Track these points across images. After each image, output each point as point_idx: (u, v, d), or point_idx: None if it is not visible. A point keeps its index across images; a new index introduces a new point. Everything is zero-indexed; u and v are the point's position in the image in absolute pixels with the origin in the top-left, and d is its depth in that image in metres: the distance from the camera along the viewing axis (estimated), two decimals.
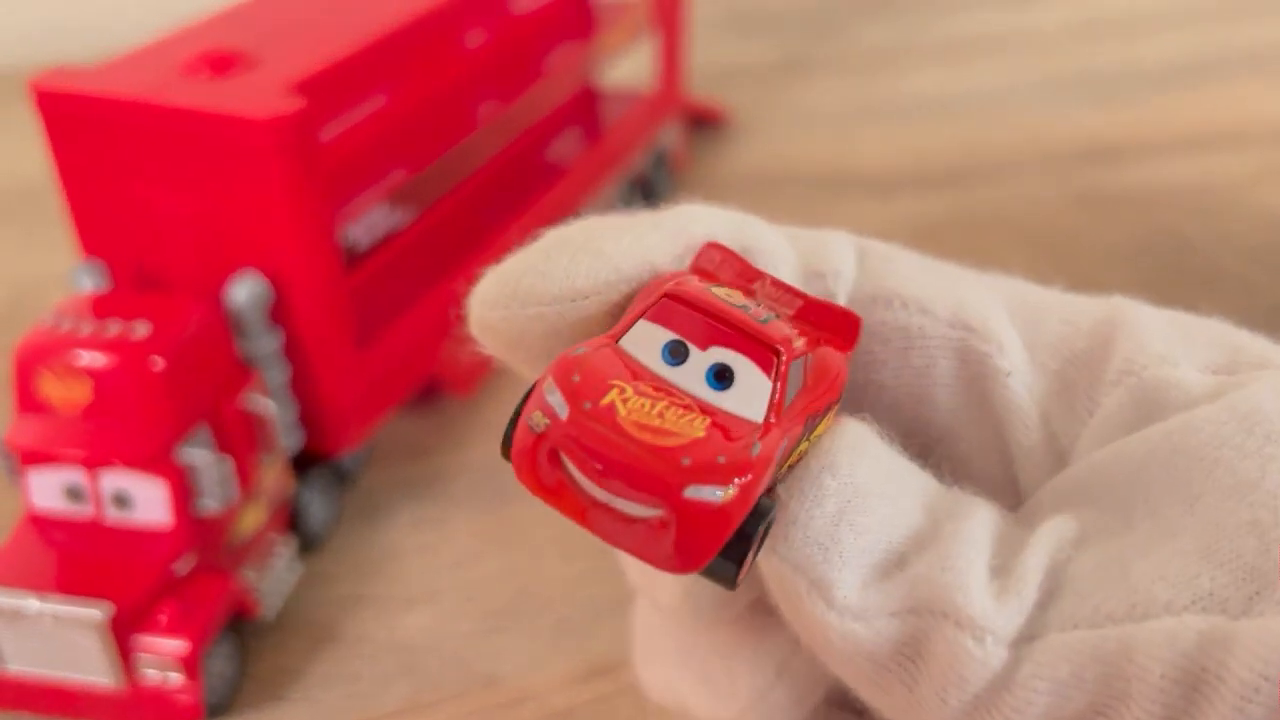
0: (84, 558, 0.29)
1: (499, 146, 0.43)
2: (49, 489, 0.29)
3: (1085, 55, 0.74)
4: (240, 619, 0.31)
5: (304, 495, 0.35)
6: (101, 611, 0.28)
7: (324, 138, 0.34)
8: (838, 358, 0.15)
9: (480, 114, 0.43)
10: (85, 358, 0.29)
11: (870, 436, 0.15)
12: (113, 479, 0.29)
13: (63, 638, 0.28)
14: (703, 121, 0.64)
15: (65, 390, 0.29)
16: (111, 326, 0.29)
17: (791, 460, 0.14)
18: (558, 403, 0.13)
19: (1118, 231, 0.52)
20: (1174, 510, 0.14)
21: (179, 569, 0.29)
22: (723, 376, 0.13)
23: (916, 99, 0.68)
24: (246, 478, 0.31)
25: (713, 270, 0.15)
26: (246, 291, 0.31)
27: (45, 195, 0.46)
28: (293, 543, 0.34)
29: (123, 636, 0.28)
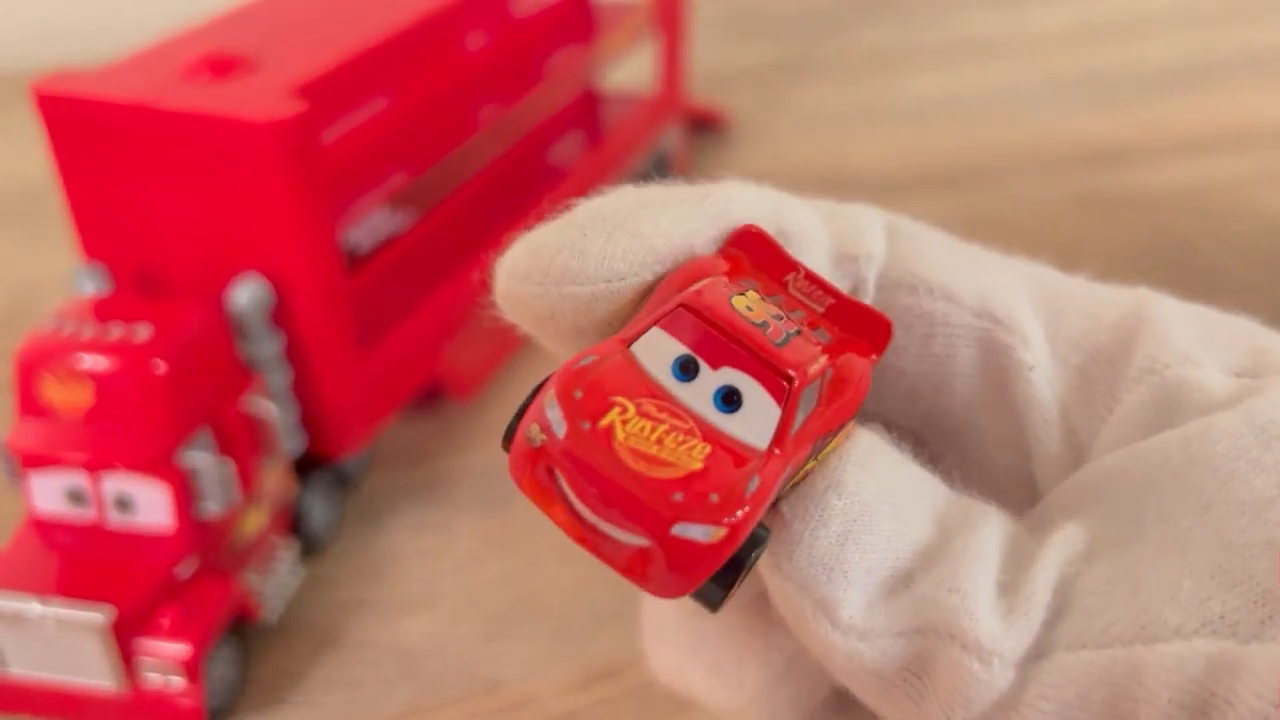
0: (86, 561, 0.29)
1: (500, 150, 0.43)
2: (51, 492, 0.29)
3: (1086, 57, 0.74)
4: (242, 622, 0.31)
5: (306, 499, 0.35)
6: (103, 615, 0.28)
7: (325, 141, 0.34)
8: (861, 367, 0.14)
9: (481, 117, 0.43)
10: (87, 361, 0.29)
11: (879, 449, 0.15)
12: (114, 482, 0.29)
13: (65, 641, 0.28)
14: (703, 124, 0.64)
15: (67, 393, 0.29)
16: (113, 330, 0.29)
17: (796, 479, 0.14)
18: (556, 419, 0.13)
19: (1119, 234, 0.52)
20: (1185, 520, 0.14)
21: (181, 572, 0.29)
22: (731, 399, 0.13)
23: (917, 101, 0.69)
24: (248, 481, 0.31)
25: (746, 258, 0.15)
26: (248, 294, 0.31)
27: (46, 198, 0.46)
28: (294, 546, 0.34)
29: (124, 640, 0.28)
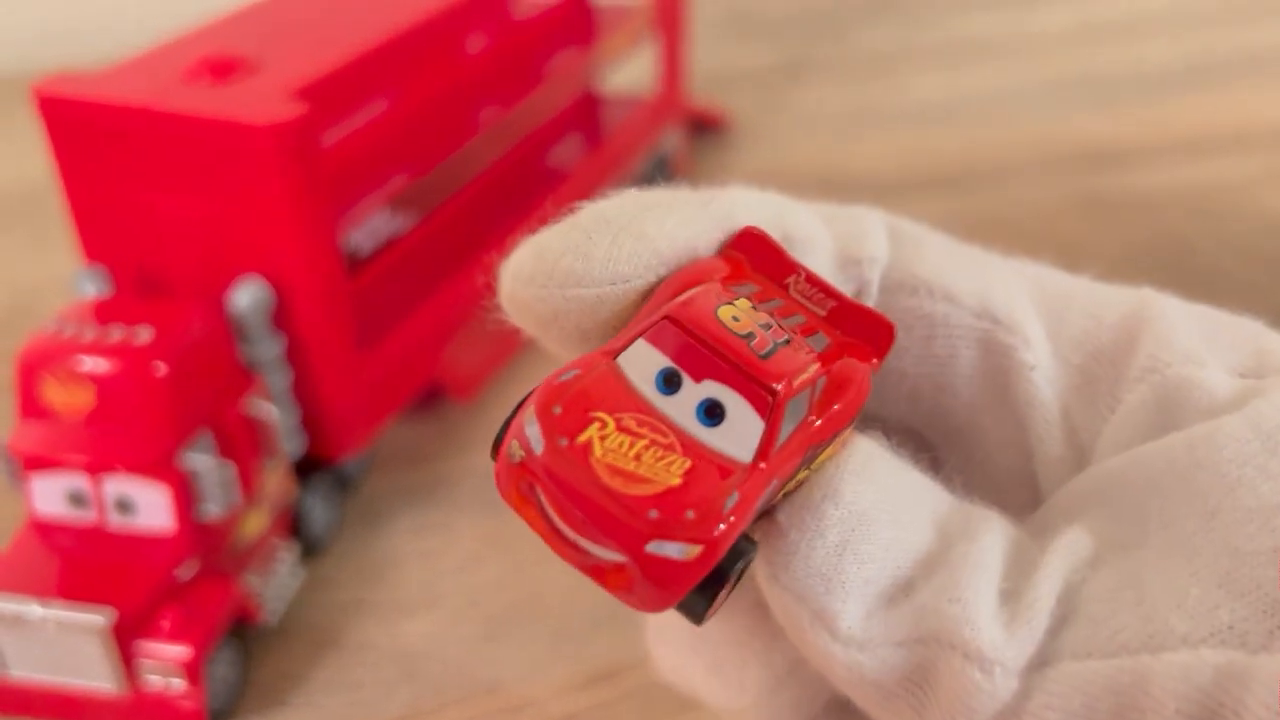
0: (86, 563, 0.29)
1: (500, 152, 0.43)
2: (52, 494, 0.29)
3: (1086, 59, 0.74)
4: (242, 624, 0.31)
5: (306, 500, 0.35)
6: (104, 617, 0.28)
7: (326, 143, 0.34)
8: (860, 372, 0.14)
9: (481, 119, 0.43)
10: (88, 363, 0.29)
11: (877, 455, 0.14)
12: (115, 484, 0.29)
13: (65, 643, 0.28)
14: (703, 126, 0.64)
15: (68, 396, 0.29)
16: (114, 332, 0.29)
17: (789, 487, 0.14)
18: (534, 436, 0.13)
19: (1119, 234, 0.52)
20: (1190, 525, 0.14)
21: (181, 574, 0.29)
22: (713, 413, 0.13)
23: (917, 102, 0.69)
24: (249, 483, 0.31)
25: (746, 260, 0.15)
26: (248, 297, 0.31)
27: (47, 199, 0.46)
28: (295, 548, 0.34)
29: (125, 642, 0.28)
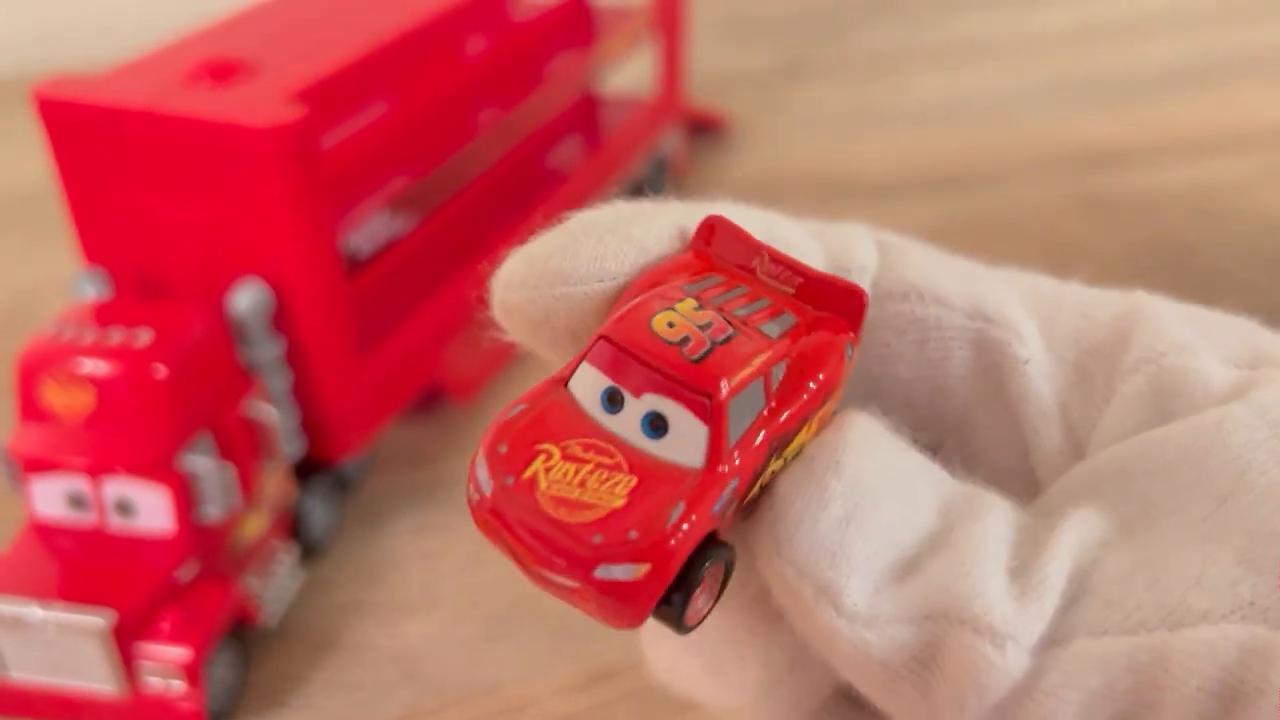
0: (87, 565, 0.29)
1: (500, 154, 0.43)
2: (52, 497, 0.29)
3: (1086, 59, 0.74)
4: (242, 626, 0.31)
5: (306, 502, 0.35)
6: (104, 619, 0.28)
7: (325, 145, 0.34)
8: (834, 346, 0.14)
9: (481, 121, 0.43)
10: (88, 366, 0.29)
11: (877, 432, 0.14)
12: (115, 486, 0.29)
13: (65, 645, 0.28)
14: (703, 127, 0.64)
15: (68, 398, 0.29)
16: (114, 334, 0.29)
17: (763, 479, 0.14)
18: (484, 479, 0.13)
19: (1119, 234, 0.52)
20: (1202, 508, 0.14)
21: (181, 576, 0.29)
22: (657, 425, 0.13)
23: (917, 103, 0.69)
24: (248, 485, 0.31)
25: (711, 250, 0.15)
26: (248, 299, 0.31)
27: (47, 202, 0.46)
28: (295, 550, 0.34)
29: (125, 644, 0.28)
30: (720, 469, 0.13)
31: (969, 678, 0.13)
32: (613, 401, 0.13)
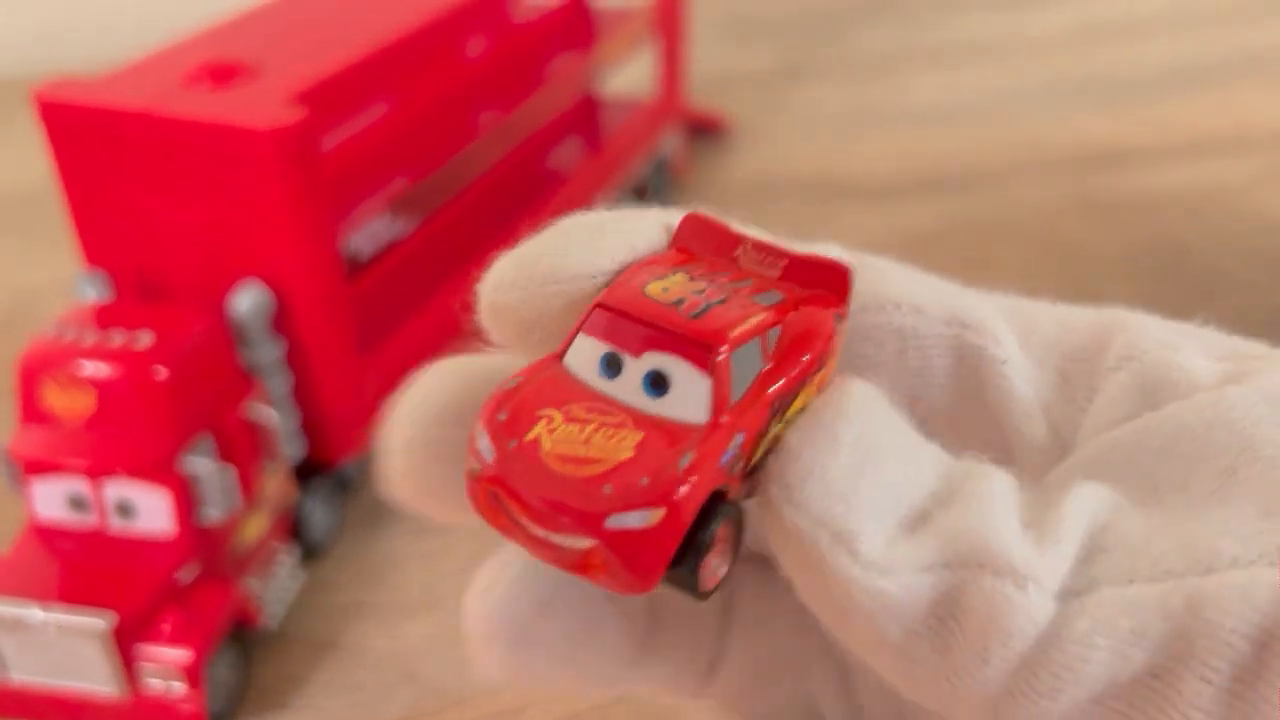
0: (87, 567, 0.29)
1: (500, 155, 0.43)
2: (52, 498, 0.30)
3: (1085, 60, 0.74)
4: (243, 628, 0.31)
5: (306, 504, 0.35)
6: (105, 621, 0.28)
7: (325, 147, 0.34)
8: (823, 318, 0.14)
9: (481, 123, 0.43)
10: (89, 368, 0.29)
11: (877, 395, 0.14)
12: (116, 488, 0.29)
13: (66, 647, 0.28)
14: (703, 129, 0.64)
15: (69, 400, 0.29)
16: (114, 336, 0.29)
17: (766, 443, 0.14)
18: (485, 446, 0.13)
19: (1119, 236, 0.53)
20: (1208, 483, 0.14)
21: (182, 578, 0.29)
22: (659, 383, 0.13)
23: (917, 104, 0.69)
24: (249, 486, 0.31)
25: (691, 242, 0.15)
26: (249, 301, 0.32)
27: (47, 203, 0.46)
28: (295, 551, 0.34)
29: (126, 646, 0.28)
30: (724, 420, 0.13)
31: (992, 623, 0.12)
32: (611, 366, 0.13)
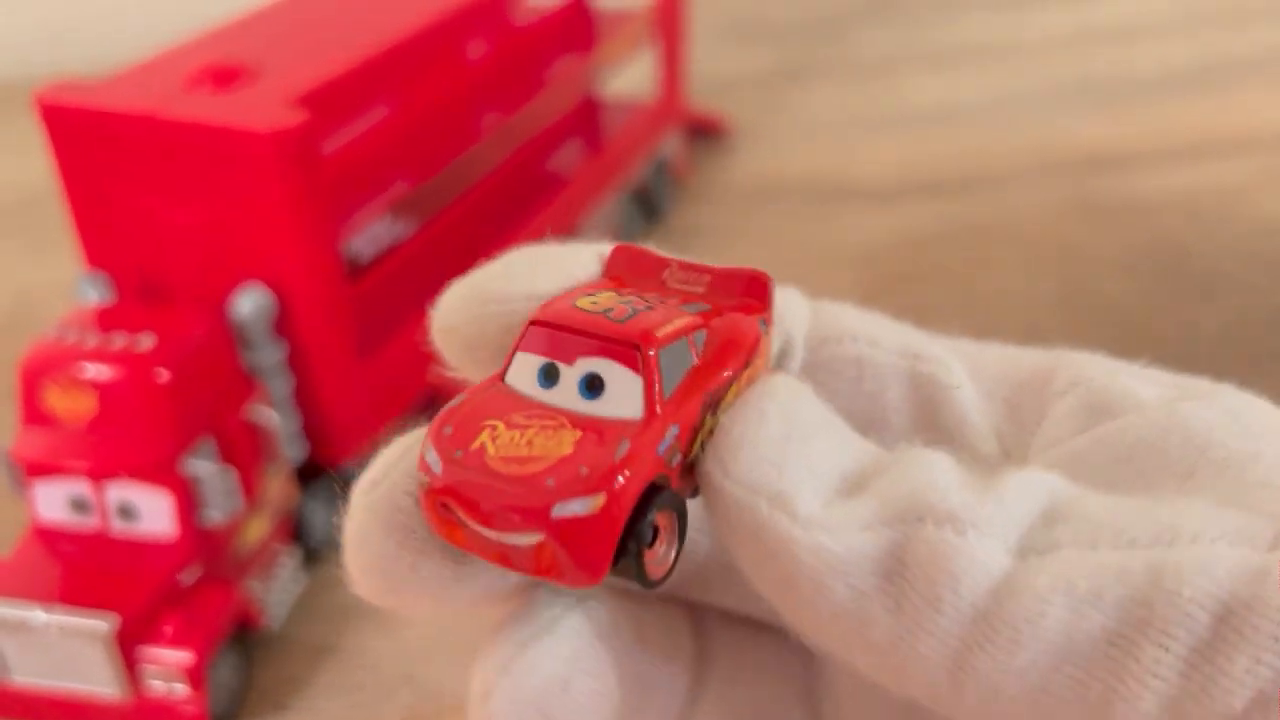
0: (89, 569, 0.29)
1: (501, 157, 0.43)
2: (54, 500, 0.30)
3: (1085, 63, 0.74)
4: (244, 629, 0.31)
5: (308, 506, 0.35)
6: (107, 623, 0.28)
7: (327, 150, 0.34)
8: (749, 322, 0.15)
9: (482, 125, 0.43)
10: (90, 370, 0.29)
11: (806, 388, 0.15)
12: (118, 490, 0.29)
13: (68, 649, 0.28)
14: (704, 131, 0.64)
15: (70, 402, 0.29)
16: (116, 339, 0.30)
17: (702, 436, 0.14)
18: (433, 460, 0.13)
19: (1118, 239, 0.53)
20: (1167, 487, 0.14)
21: (184, 580, 0.30)
22: (594, 385, 0.14)
23: (917, 107, 0.69)
24: (251, 489, 0.31)
25: (622, 270, 0.16)
26: (250, 303, 0.32)
27: (48, 206, 0.46)
28: (296, 553, 0.34)
29: (128, 647, 0.28)
30: (658, 411, 0.13)
31: (938, 570, 0.12)
32: (549, 376, 0.14)
